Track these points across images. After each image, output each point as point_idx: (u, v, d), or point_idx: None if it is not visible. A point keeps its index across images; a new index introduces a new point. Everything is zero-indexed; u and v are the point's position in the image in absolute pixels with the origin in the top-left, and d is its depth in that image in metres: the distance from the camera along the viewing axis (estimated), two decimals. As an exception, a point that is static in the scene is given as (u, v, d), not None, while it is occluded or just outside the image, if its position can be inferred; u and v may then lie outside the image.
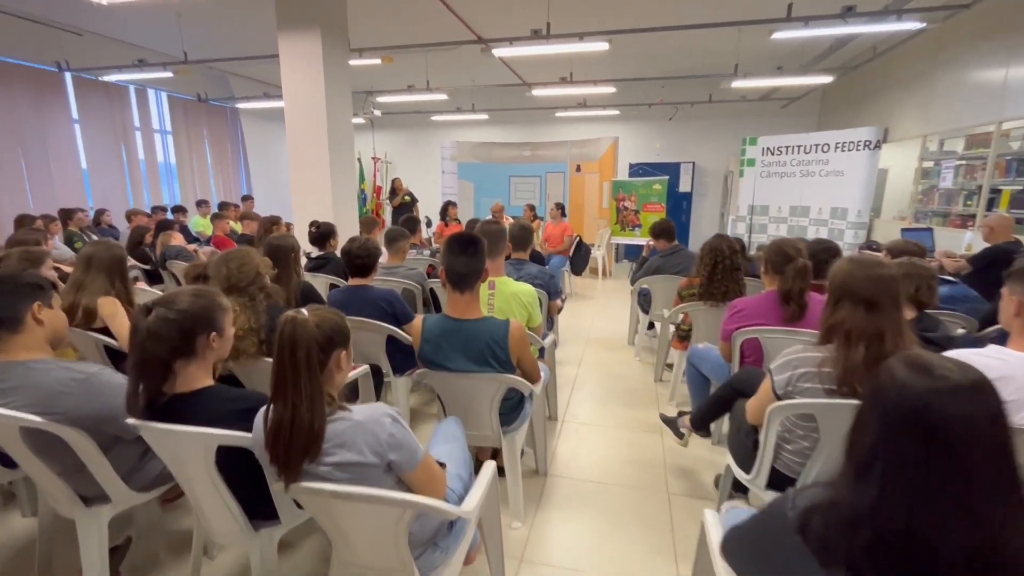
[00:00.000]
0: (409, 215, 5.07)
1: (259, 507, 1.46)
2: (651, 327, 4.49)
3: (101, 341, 2.35)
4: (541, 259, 4.27)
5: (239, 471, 1.37)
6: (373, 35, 6.03)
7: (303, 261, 3.90)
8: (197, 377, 1.33)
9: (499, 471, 2.47)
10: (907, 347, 1.43)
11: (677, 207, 9.36)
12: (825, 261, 2.75)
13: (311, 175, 4.58)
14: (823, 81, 6.67)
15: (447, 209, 7.11)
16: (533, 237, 3.30)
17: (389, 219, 9.66)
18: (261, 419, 1.20)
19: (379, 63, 6.23)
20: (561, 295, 3.61)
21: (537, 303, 2.54)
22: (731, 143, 8.95)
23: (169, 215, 7.23)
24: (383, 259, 3.46)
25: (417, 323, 1.99)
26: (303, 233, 3.98)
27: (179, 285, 3.86)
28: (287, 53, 4.41)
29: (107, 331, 2.34)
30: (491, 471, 1.51)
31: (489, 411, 2.01)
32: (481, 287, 1.99)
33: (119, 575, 1.85)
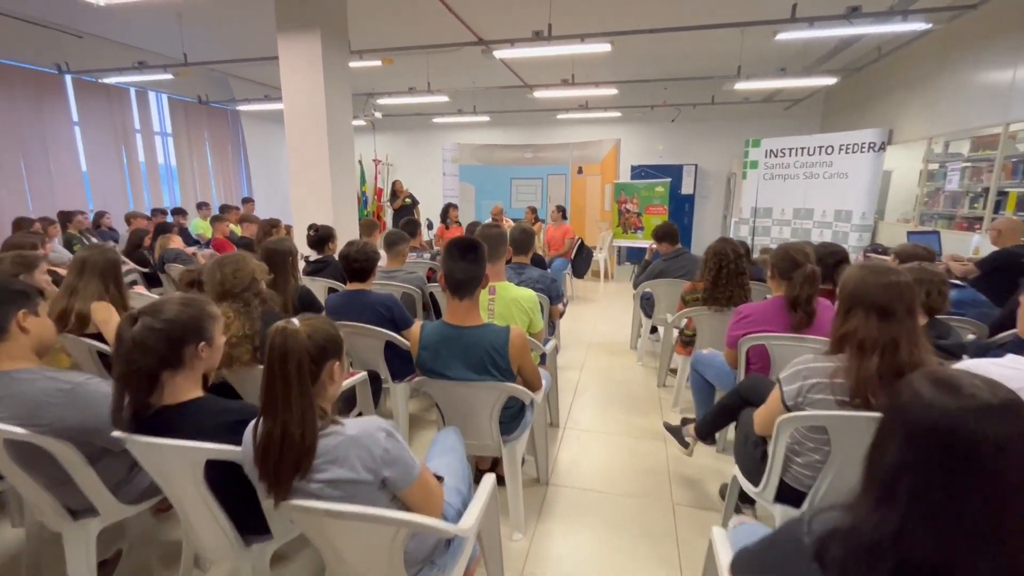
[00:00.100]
0: (409, 218, 5.03)
1: (251, 521, 1.41)
2: (654, 331, 4.43)
3: (95, 347, 2.30)
4: (543, 263, 4.22)
5: (229, 485, 1.33)
6: (373, 37, 6.00)
7: (301, 265, 3.86)
8: (185, 388, 1.29)
9: (499, 480, 2.44)
10: (923, 356, 1.38)
11: (679, 209, 9.31)
12: (832, 265, 2.71)
13: (311, 177, 4.54)
14: (827, 83, 6.62)
15: (448, 211, 7.07)
16: (534, 241, 3.26)
17: (390, 221, 9.62)
18: (250, 433, 1.15)
19: (379, 65, 6.19)
20: (563, 299, 3.56)
21: (538, 308, 2.49)
22: (734, 145, 8.90)
23: (169, 218, 7.21)
24: (382, 263, 3.42)
25: (415, 330, 1.94)
26: (303, 236, 3.93)
27: (177, 289, 3.81)
28: (287, 55, 4.38)
29: (101, 337, 2.30)
30: (490, 485, 1.47)
31: (489, 420, 1.96)
32: (481, 292, 1.94)
33: (109, 589, 1.81)
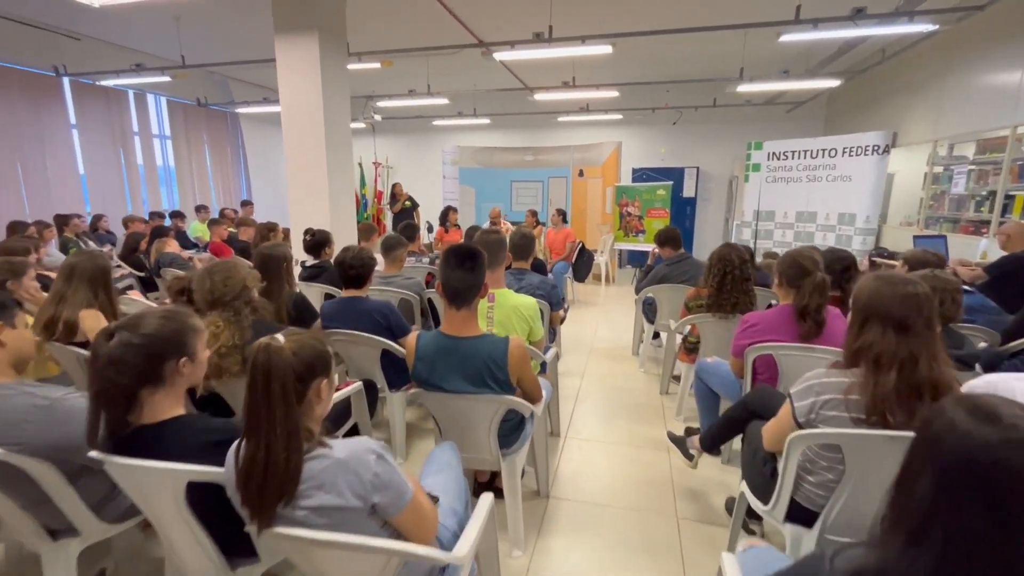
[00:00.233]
0: (408, 222, 4.97)
1: (236, 544, 1.34)
2: (656, 337, 4.37)
3: (83, 356, 2.24)
4: (543, 268, 4.16)
5: (213, 506, 1.26)
6: (373, 39, 5.95)
7: (298, 270, 3.80)
8: (166, 406, 1.22)
9: (497, 492, 2.37)
10: (943, 372, 1.31)
11: (681, 212, 9.24)
12: (839, 272, 2.64)
13: (308, 180, 4.48)
14: (830, 85, 6.55)
15: (447, 214, 7.01)
16: (535, 245, 3.19)
17: (390, 225, 9.57)
18: (232, 456, 1.09)
19: (379, 67, 6.14)
20: (564, 305, 3.50)
21: (539, 316, 2.43)
22: (736, 148, 8.83)
23: (167, 221, 7.16)
24: (380, 267, 3.36)
25: (411, 340, 1.88)
26: (300, 239, 3.87)
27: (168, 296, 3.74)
28: (284, 57, 4.33)
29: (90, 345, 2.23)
30: (488, 506, 1.40)
31: (487, 434, 1.90)
32: (480, 301, 1.88)
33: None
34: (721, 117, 8.98)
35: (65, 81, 6.76)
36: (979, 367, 2.14)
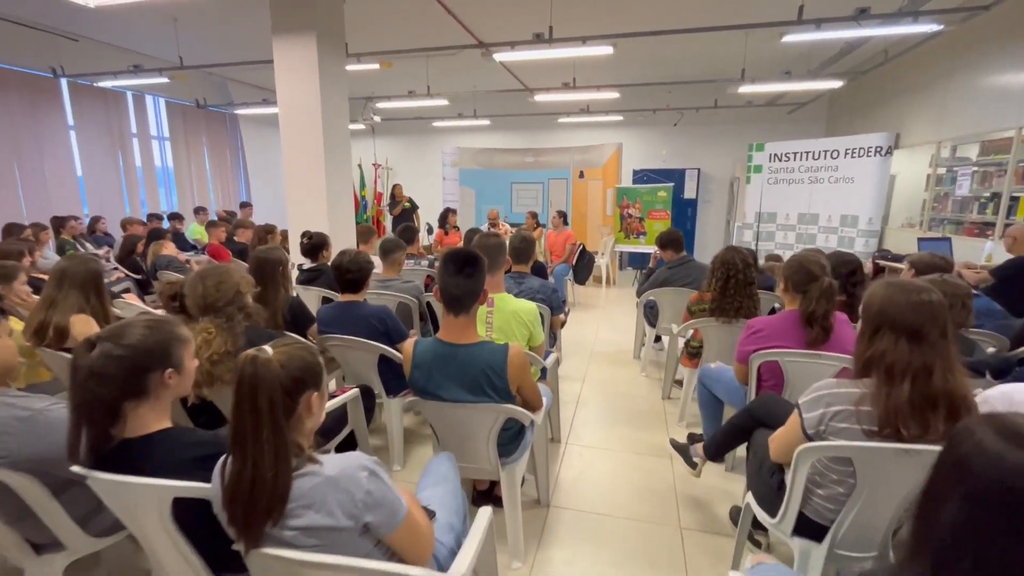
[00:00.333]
0: (407, 224, 4.92)
1: (225, 560, 1.29)
2: (658, 340, 4.32)
3: (73, 362, 2.19)
4: (543, 271, 4.10)
5: (201, 522, 1.21)
6: (372, 40, 5.91)
7: (295, 273, 3.75)
8: (151, 419, 1.17)
9: (497, 501, 2.32)
10: (958, 382, 1.26)
11: (682, 214, 9.20)
12: (845, 276, 2.59)
13: (307, 182, 4.44)
14: (833, 86, 6.50)
15: (447, 216, 6.97)
16: (535, 248, 3.14)
17: (389, 226, 9.53)
18: (218, 472, 1.04)
19: (378, 68, 6.10)
20: (564, 308, 3.45)
21: (539, 321, 2.38)
22: (737, 149, 8.79)
23: (166, 223, 7.12)
24: (378, 269, 3.31)
25: (408, 347, 1.83)
26: (298, 242, 3.83)
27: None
28: (282, 58, 4.29)
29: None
30: (486, 521, 1.35)
31: (486, 443, 1.85)
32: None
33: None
34: (722, 118, 8.94)
35: (63, 82, 6.72)
36: (988, 376, 2.10)
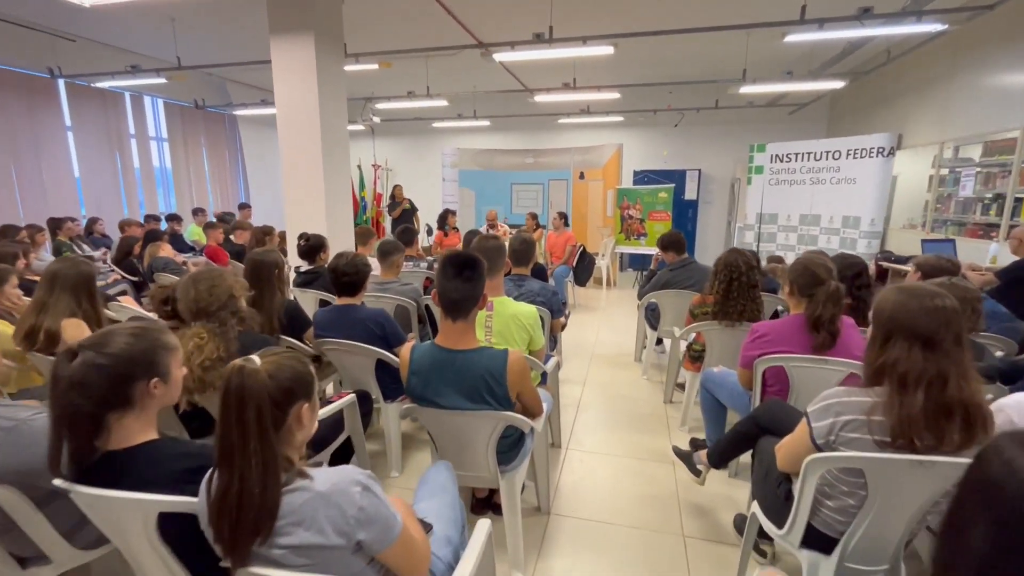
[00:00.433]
0: (406, 226, 4.88)
1: (215, 575, 1.25)
2: (659, 343, 4.28)
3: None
4: (544, 273, 4.06)
5: (189, 536, 1.16)
6: (371, 40, 5.88)
7: (292, 276, 3.71)
8: (136, 430, 1.12)
9: (496, 508, 2.28)
10: (973, 391, 1.22)
11: (683, 215, 9.16)
12: (850, 278, 2.54)
13: (305, 184, 4.40)
14: (835, 86, 6.46)
15: (446, 217, 6.93)
16: (535, 250, 3.10)
17: (389, 227, 9.48)
18: (205, 488, 1.00)
19: (377, 68, 6.06)
20: (565, 311, 3.41)
21: (539, 324, 2.34)
22: (738, 150, 8.75)
23: (164, 224, 7.08)
24: (376, 272, 3.27)
25: (405, 353, 1.79)
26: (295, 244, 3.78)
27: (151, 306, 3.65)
28: (279, 58, 4.25)
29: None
30: (485, 534, 1.31)
31: (485, 451, 1.80)
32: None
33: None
34: (722, 119, 8.90)
35: (60, 83, 6.68)
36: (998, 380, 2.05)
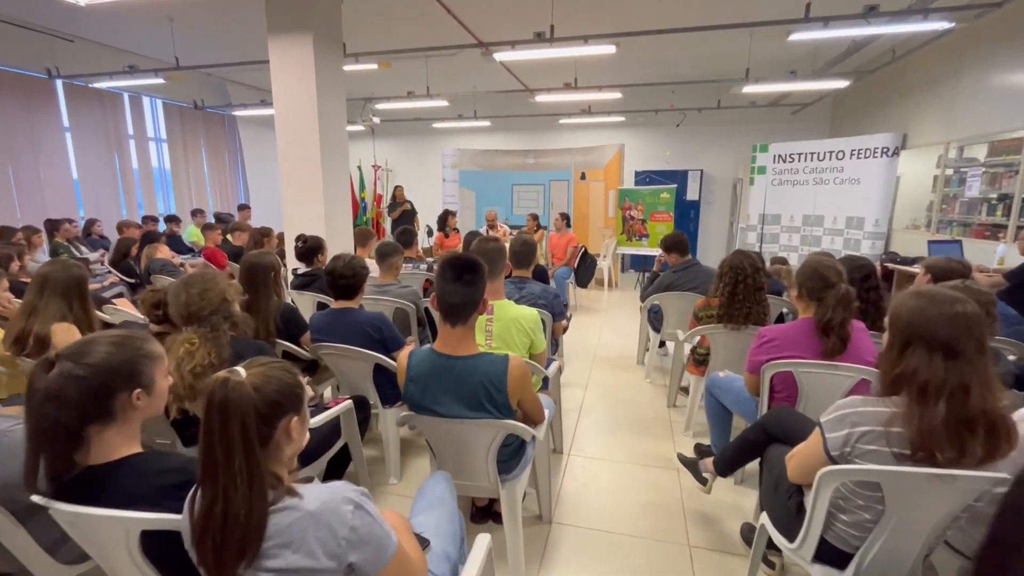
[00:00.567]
0: (406, 227, 4.83)
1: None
2: (662, 345, 4.22)
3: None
4: (545, 275, 4.01)
5: (173, 553, 1.11)
6: (370, 39, 5.83)
7: (290, 278, 3.66)
8: (117, 444, 1.07)
9: (496, 517, 2.22)
10: (997, 401, 1.16)
11: (684, 216, 9.10)
12: (859, 280, 2.48)
13: (303, 185, 4.35)
14: (839, 86, 6.40)
15: (446, 218, 6.88)
16: (536, 252, 3.04)
17: (390, 228, 9.44)
18: (188, 506, 0.94)
19: (377, 68, 6.02)
20: (567, 314, 3.35)
21: (540, 328, 2.28)
22: (740, 150, 8.69)
23: (162, 225, 7.03)
24: (375, 274, 3.22)
25: (402, 359, 1.73)
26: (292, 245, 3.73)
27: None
28: (278, 58, 4.20)
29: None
30: (484, 550, 1.25)
31: (485, 460, 1.75)
32: (477, 311, 1.73)
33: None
34: (725, 119, 8.84)
35: (58, 83, 6.64)
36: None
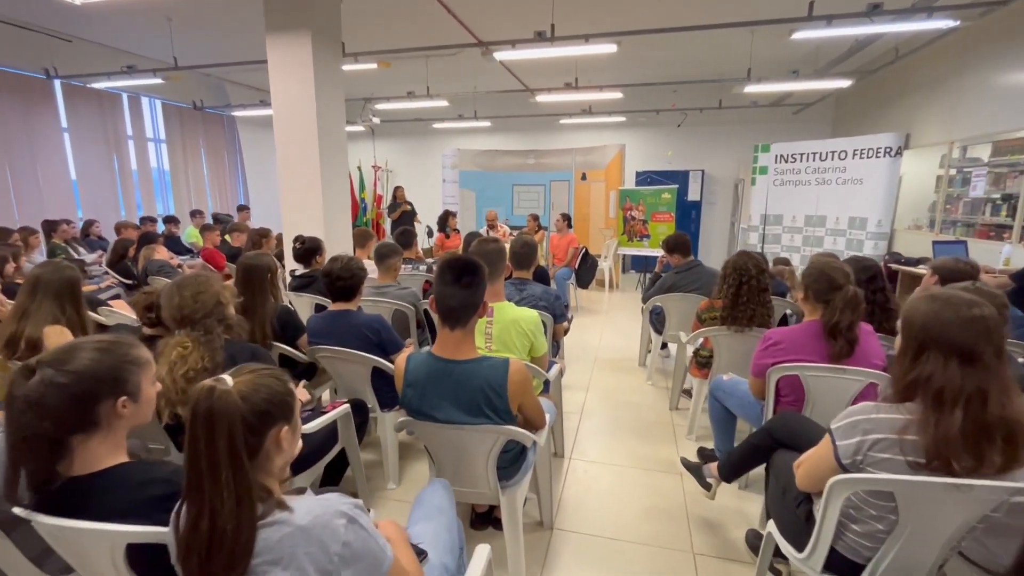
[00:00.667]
0: (404, 228, 4.80)
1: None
2: (664, 347, 4.18)
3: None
4: (546, 276, 3.96)
5: (162, 566, 1.07)
6: (370, 39, 5.79)
7: (288, 280, 3.62)
8: (102, 453, 1.03)
9: (496, 523, 2.18)
10: (1016, 409, 1.12)
11: (686, 216, 9.06)
12: (865, 282, 2.44)
13: (302, 185, 4.32)
14: (841, 85, 6.36)
15: (447, 219, 6.84)
16: (537, 253, 3.00)
17: (389, 229, 9.40)
18: (173, 522, 0.90)
19: (376, 68, 5.98)
20: (568, 316, 3.31)
21: (541, 330, 2.24)
22: (741, 150, 8.64)
23: (161, 226, 7.00)
24: (373, 275, 3.18)
25: (400, 363, 1.69)
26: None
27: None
28: (276, 58, 4.17)
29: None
30: (484, 560, 1.21)
31: (485, 466, 1.71)
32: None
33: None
34: (726, 119, 8.80)
35: (56, 84, 6.61)
36: None
